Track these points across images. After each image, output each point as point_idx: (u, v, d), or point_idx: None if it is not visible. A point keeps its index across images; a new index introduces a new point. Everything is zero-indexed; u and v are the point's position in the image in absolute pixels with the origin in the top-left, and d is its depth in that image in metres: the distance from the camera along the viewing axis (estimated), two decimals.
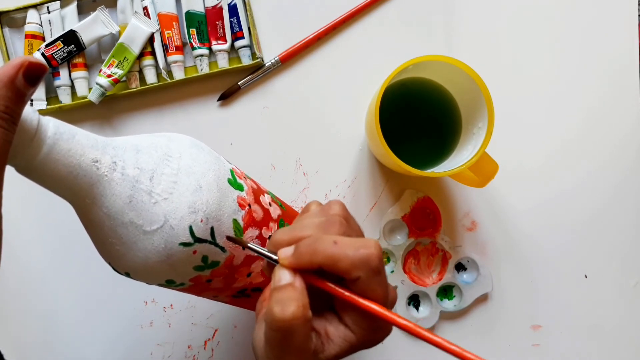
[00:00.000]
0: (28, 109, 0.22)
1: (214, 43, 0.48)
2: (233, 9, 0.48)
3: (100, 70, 0.47)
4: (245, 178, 0.33)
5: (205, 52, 0.48)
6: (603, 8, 0.50)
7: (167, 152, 0.27)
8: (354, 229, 0.27)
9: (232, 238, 0.28)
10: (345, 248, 0.24)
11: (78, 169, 0.24)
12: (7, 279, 0.49)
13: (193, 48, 0.48)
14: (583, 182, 0.50)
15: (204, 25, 0.48)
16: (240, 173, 0.33)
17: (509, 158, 0.48)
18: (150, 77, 0.48)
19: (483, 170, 0.40)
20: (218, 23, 0.48)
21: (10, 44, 0.49)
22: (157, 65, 0.48)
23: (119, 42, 0.47)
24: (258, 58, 0.48)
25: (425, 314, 0.49)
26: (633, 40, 0.50)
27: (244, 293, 0.34)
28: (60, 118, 0.25)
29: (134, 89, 0.48)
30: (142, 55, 0.48)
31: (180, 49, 0.49)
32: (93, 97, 0.47)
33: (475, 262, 0.48)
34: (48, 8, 0.48)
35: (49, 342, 0.50)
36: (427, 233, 0.49)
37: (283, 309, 0.23)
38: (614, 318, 0.50)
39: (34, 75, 0.21)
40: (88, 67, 0.49)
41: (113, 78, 0.47)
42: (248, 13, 0.48)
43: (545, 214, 0.50)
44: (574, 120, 0.50)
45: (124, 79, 0.49)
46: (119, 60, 0.47)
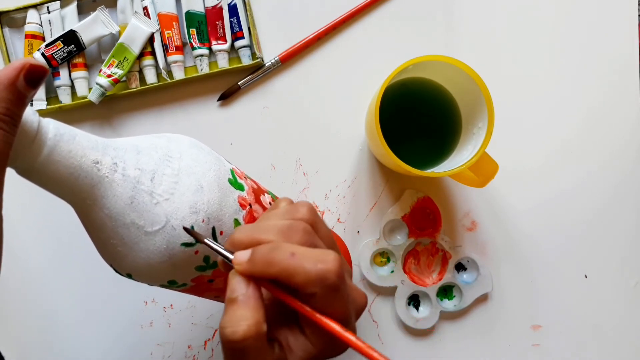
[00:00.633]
0: (28, 111, 0.22)
1: (214, 43, 0.48)
2: (233, 9, 0.48)
3: (100, 70, 0.47)
4: (246, 178, 0.33)
5: (205, 52, 0.48)
6: (603, 8, 0.50)
7: (167, 152, 0.27)
8: (323, 234, 0.26)
9: (189, 230, 0.27)
10: (303, 261, 0.22)
11: (79, 171, 0.24)
12: (7, 279, 0.49)
13: (193, 48, 0.48)
14: (583, 182, 0.50)
15: (204, 25, 0.48)
16: (241, 173, 0.33)
17: (509, 158, 0.48)
18: (150, 77, 0.48)
19: (483, 170, 0.40)
20: (218, 23, 0.48)
21: (10, 44, 0.49)
22: (157, 65, 0.48)
23: (119, 42, 0.47)
24: (258, 58, 0.48)
25: (425, 314, 0.49)
26: (633, 40, 0.50)
27: None
28: (60, 118, 0.25)
29: (134, 89, 0.48)
30: (142, 55, 0.48)
31: (180, 49, 0.48)
32: (93, 97, 0.47)
33: (475, 262, 0.49)
34: (48, 8, 0.48)
35: (49, 342, 0.50)
36: (427, 233, 0.49)
37: (234, 331, 0.22)
38: (614, 318, 0.50)
39: (35, 78, 0.21)
40: (88, 67, 0.49)
41: (113, 78, 0.47)
42: (248, 13, 0.48)
43: (545, 214, 0.50)
44: (574, 120, 0.50)
45: (124, 79, 0.49)
46: (119, 60, 0.47)
